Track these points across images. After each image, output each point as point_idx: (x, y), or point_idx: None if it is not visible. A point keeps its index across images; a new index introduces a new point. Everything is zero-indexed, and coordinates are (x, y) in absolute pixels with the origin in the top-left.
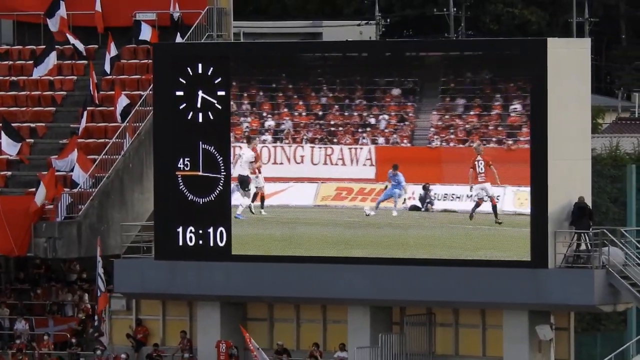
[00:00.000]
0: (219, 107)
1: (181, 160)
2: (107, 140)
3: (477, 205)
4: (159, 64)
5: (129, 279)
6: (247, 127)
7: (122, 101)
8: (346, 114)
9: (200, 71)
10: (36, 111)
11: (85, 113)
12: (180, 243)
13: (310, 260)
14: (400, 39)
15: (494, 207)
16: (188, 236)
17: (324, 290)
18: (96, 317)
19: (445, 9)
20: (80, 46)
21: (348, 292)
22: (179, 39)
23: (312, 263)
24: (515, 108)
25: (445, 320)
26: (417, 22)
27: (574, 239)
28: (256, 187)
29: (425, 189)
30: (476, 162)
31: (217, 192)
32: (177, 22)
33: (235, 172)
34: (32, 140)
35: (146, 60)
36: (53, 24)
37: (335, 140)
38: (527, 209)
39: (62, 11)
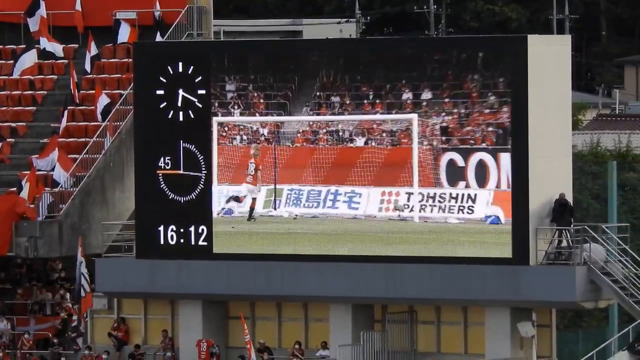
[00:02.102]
0: (200, 105)
1: (162, 159)
2: (87, 139)
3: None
4: (139, 63)
5: (110, 278)
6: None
7: (103, 100)
8: None
9: (180, 70)
10: (17, 111)
11: (65, 112)
12: (162, 242)
13: (291, 258)
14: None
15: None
16: (169, 235)
17: (306, 289)
18: (75, 317)
19: (425, 7)
20: (58, 49)
21: (330, 290)
22: (158, 38)
23: (293, 261)
24: None
25: (427, 318)
26: (397, 20)
27: (555, 236)
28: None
29: None
30: (249, 164)
31: (198, 190)
32: (159, 21)
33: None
34: (12, 140)
35: (126, 59)
36: (33, 24)
37: None
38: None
39: (42, 11)
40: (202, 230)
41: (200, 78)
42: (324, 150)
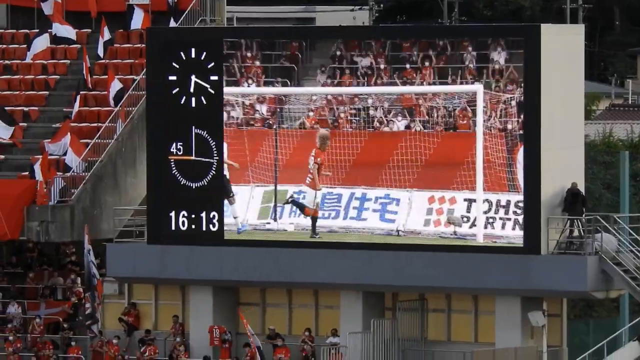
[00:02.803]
0: (212, 91)
1: (174, 144)
2: (100, 124)
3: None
4: (152, 49)
5: (121, 263)
6: None
7: (115, 85)
8: None
9: (193, 56)
10: (29, 95)
11: (78, 97)
12: (173, 227)
13: (302, 245)
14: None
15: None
16: (180, 220)
17: (317, 275)
18: (88, 305)
19: None
20: (71, 32)
21: (341, 277)
22: (172, 24)
23: (304, 248)
24: None
25: (437, 306)
26: (411, 8)
27: (567, 225)
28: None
29: None
30: (310, 157)
31: (210, 176)
32: (173, 6)
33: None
34: (25, 124)
35: (139, 45)
36: (47, 8)
37: None
38: None
39: None
40: (213, 216)
41: (212, 64)
42: (346, 137)
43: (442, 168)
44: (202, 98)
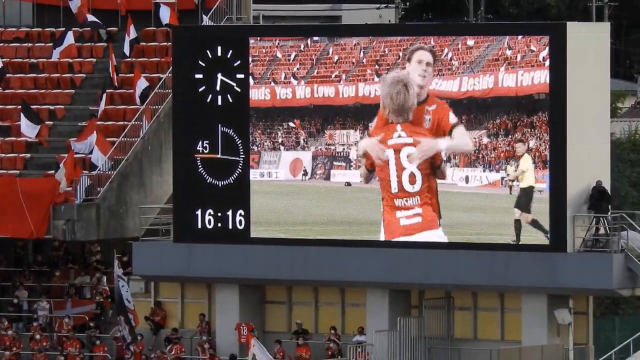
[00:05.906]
0: (238, 89)
1: (200, 142)
2: (126, 122)
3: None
4: (179, 47)
5: (147, 262)
6: None
7: (141, 84)
8: None
9: (219, 54)
10: (55, 93)
11: (104, 95)
12: (199, 226)
13: (328, 243)
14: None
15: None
16: (207, 219)
17: (343, 274)
18: (121, 328)
19: None
20: (101, 27)
21: (367, 275)
22: (205, 20)
23: (330, 246)
24: None
25: (463, 304)
26: (437, 5)
27: (592, 223)
28: None
29: None
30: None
31: (236, 174)
32: (199, 4)
33: None
34: (51, 123)
35: (165, 43)
36: (74, 6)
37: None
38: None
39: None
40: (240, 214)
41: (239, 62)
42: None
43: None
44: (228, 96)
